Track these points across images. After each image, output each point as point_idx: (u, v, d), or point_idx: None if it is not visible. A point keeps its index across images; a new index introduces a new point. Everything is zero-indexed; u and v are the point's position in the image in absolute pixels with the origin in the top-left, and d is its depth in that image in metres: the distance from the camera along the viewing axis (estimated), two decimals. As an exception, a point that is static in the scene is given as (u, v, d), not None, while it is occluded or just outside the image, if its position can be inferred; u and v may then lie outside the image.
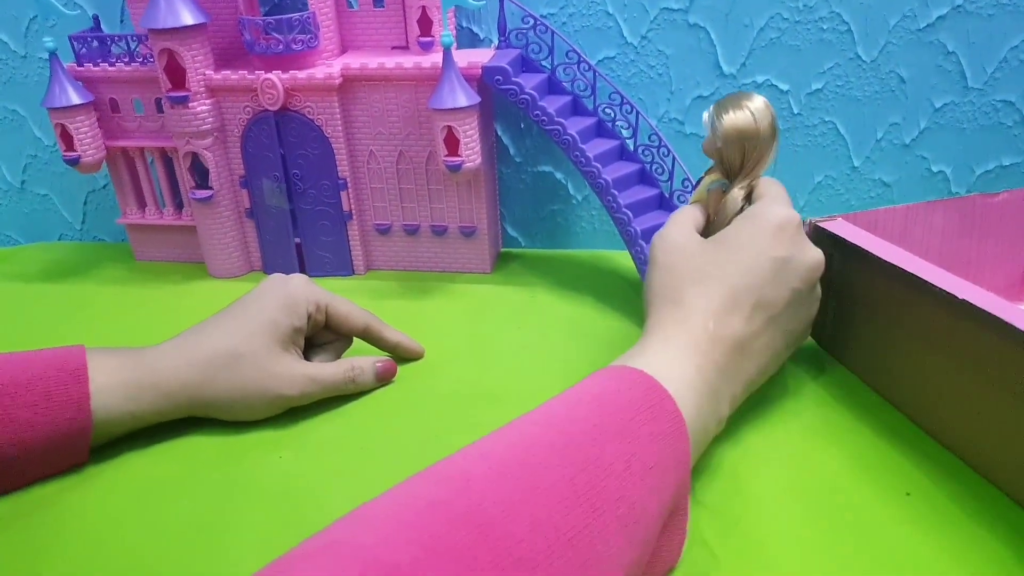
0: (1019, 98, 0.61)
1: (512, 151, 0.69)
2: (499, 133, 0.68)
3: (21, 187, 0.77)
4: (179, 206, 0.70)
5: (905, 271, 0.43)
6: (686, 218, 0.46)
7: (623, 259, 0.66)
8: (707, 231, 0.47)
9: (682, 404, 0.37)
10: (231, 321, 0.49)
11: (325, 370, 0.50)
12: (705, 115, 0.46)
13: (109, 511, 0.43)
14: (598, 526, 0.30)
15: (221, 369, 0.47)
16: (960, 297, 0.40)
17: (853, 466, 0.43)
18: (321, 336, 0.53)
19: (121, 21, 0.69)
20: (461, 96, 0.57)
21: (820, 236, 0.50)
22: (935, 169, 0.65)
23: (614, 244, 0.64)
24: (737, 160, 0.46)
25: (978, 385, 0.40)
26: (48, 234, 0.79)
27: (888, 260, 0.44)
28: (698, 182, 0.50)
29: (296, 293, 0.50)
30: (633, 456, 0.33)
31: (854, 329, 0.50)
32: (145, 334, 0.60)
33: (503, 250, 0.71)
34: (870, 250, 0.46)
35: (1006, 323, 0.37)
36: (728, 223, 0.45)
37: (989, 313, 0.38)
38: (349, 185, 0.64)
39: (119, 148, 0.67)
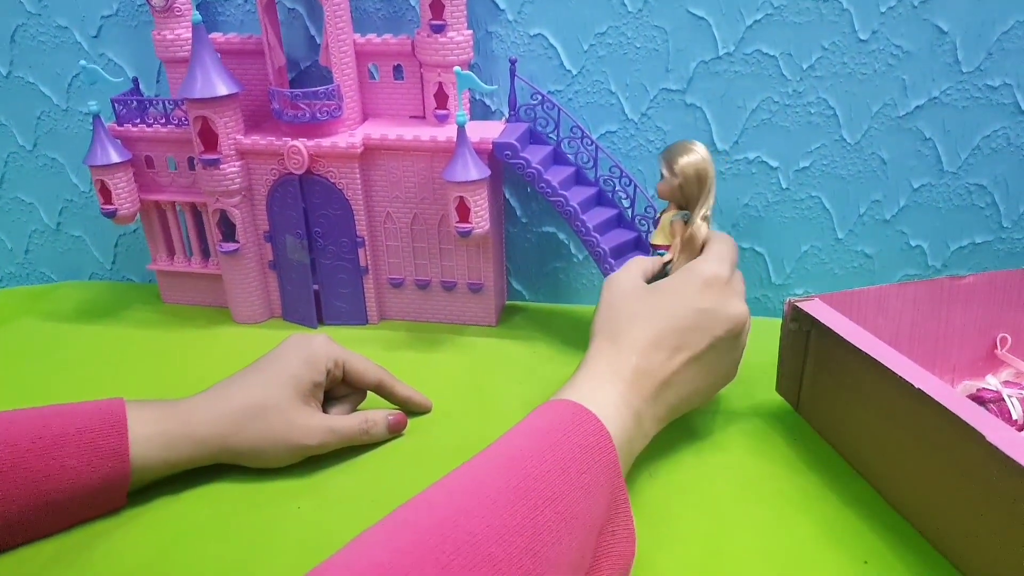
0: (990, 182, 0.66)
1: (519, 212, 0.73)
2: (507, 196, 0.73)
3: (57, 228, 0.82)
4: (205, 255, 0.74)
5: (870, 356, 0.48)
6: (636, 266, 0.54)
7: (620, 316, 0.70)
8: (676, 263, 0.55)
9: (607, 421, 0.44)
10: (258, 376, 0.53)
11: (342, 422, 0.54)
12: (662, 165, 0.54)
13: (146, 553, 0.47)
14: (541, 520, 0.37)
15: (249, 420, 0.51)
16: (916, 387, 0.44)
17: (819, 533, 0.47)
18: (338, 390, 0.57)
19: (158, 81, 0.74)
20: (473, 170, 0.61)
21: (797, 314, 0.55)
22: (913, 243, 0.69)
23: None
24: (696, 192, 0.54)
25: (931, 462, 0.45)
26: (79, 273, 0.84)
27: (855, 344, 0.49)
28: (656, 221, 0.57)
29: (317, 351, 0.55)
30: (566, 465, 0.40)
31: (825, 399, 0.55)
32: (174, 376, 0.66)
33: (508, 303, 0.76)
34: (840, 333, 0.50)
35: (954, 414, 0.41)
36: (701, 248, 0.53)
37: (941, 404, 0.42)
38: (366, 243, 0.69)
39: (152, 201, 0.72)
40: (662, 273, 0.55)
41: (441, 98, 0.66)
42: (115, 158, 0.67)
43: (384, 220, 0.69)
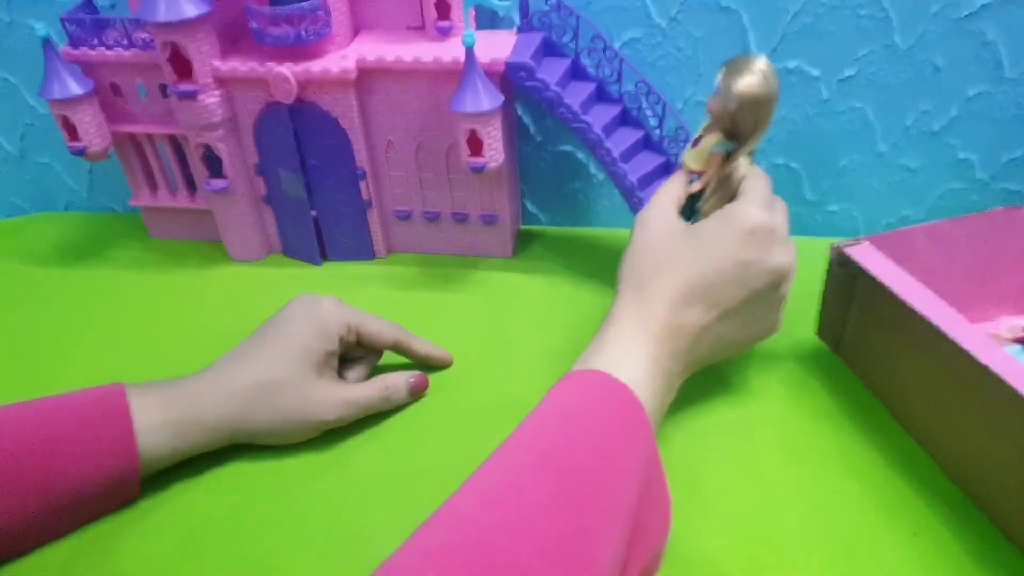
0: (1055, 89, 0.60)
1: (532, 130, 0.67)
2: (519, 113, 0.66)
3: (21, 156, 0.75)
4: (192, 187, 0.68)
5: (924, 318, 0.44)
6: (667, 199, 0.48)
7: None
8: (707, 199, 0.48)
9: (638, 390, 0.41)
10: (266, 350, 0.50)
11: (360, 391, 0.51)
12: (719, 80, 0.46)
13: (163, 551, 0.45)
14: (587, 523, 0.34)
15: (260, 399, 0.48)
16: (983, 363, 0.41)
17: (865, 501, 0.46)
18: (354, 352, 0.54)
19: (112, -11, 0.64)
20: (485, 100, 0.55)
21: (844, 261, 0.51)
22: (962, 156, 0.64)
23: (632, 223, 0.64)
24: (750, 125, 0.46)
25: (986, 430, 0.43)
26: (54, 203, 0.77)
27: (910, 304, 0.45)
28: (696, 140, 0.49)
29: (327, 318, 0.51)
30: (604, 451, 0.38)
31: (871, 347, 0.52)
32: (173, 322, 0.62)
33: (523, 227, 0.71)
34: (890, 287, 0.47)
35: (1018, 393, 0.39)
36: (736, 189, 0.47)
37: (1005, 382, 0.40)
38: (368, 175, 0.63)
39: (126, 133, 0.64)
40: (689, 204, 0.49)
41: (443, 8, 0.58)
42: (76, 90, 0.59)
43: (386, 148, 0.62)
